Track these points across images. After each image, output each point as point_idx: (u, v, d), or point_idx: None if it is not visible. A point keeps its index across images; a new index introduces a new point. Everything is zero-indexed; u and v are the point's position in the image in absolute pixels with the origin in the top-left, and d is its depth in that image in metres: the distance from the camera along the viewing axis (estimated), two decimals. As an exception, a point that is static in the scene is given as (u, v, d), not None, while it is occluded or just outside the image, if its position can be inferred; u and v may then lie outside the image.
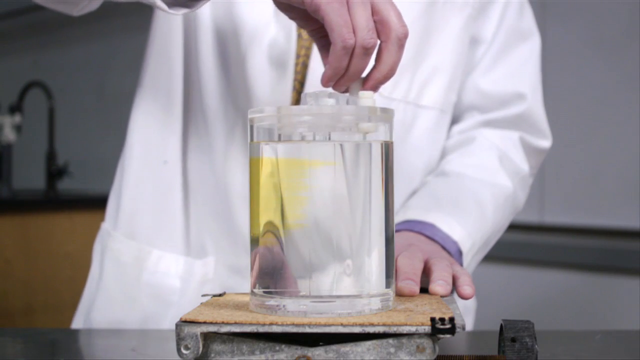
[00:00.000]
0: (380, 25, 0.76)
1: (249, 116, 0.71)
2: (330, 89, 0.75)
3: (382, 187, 0.69)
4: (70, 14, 1.04)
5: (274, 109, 0.69)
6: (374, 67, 0.77)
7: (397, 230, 0.97)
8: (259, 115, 0.70)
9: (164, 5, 0.87)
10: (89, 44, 3.85)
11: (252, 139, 0.71)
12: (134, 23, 3.44)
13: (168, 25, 1.09)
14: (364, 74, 0.77)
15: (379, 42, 0.76)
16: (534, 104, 1.15)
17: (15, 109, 3.19)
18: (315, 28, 0.82)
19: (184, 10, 0.89)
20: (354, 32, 0.74)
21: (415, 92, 1.07)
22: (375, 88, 0.78)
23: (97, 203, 2.82)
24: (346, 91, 0.78)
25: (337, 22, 0.73)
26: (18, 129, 3.19)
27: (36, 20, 4.08)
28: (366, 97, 0.74)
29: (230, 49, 1.05)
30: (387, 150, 0.70)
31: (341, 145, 0.68)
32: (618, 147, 2.15)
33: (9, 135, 3.15)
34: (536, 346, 0.64)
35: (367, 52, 0.74)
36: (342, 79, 0.76)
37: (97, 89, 3.83)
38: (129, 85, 1.19)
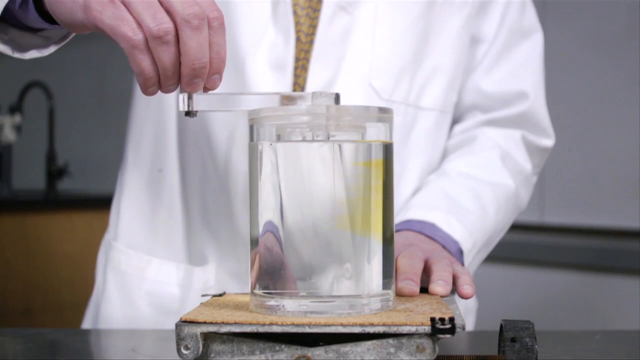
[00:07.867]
0: (168, 15, 0.68)
1: (249, 117, 0.70)
2: (334, 91, 0.73)
3: (382, 188, 0.69)
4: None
5: (273, 109, 0.69)
6: (180, 63, 0.70)
7: (397, 230, 0.97)
8: (259, 115, 0.69)
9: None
10: (89, 44, 3.85)
11: (251, 139, 0.71)
12: (133, 23, 3.43)
13: None
14: None
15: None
16: (537, 102, 1.14)
17: (15, 109, 3.19)
18: None
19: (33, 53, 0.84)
20: (139, 26, 0.68)
21: (415, 93, 1.07)
22: (191, 85, 0.71)
23: (97, 203, 2.82)
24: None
25: (114, 24, 0.68)
26: (18, 129, 3.19)
27: (36, 20, 4.07)
28: None
29: (229, 52, 1.05)
30: (387, 151, 0.70)
31: (340, 145, 0.67)
32: (618, 147, 2.15)
33: (9, 135, 3.15)
34: (536, 346, 0.64)
35: (162, 40, 0.68)
36: (162, 82, 0.70)
37: (97, 89, 3.83)
38: (128, 85, 1.19)
